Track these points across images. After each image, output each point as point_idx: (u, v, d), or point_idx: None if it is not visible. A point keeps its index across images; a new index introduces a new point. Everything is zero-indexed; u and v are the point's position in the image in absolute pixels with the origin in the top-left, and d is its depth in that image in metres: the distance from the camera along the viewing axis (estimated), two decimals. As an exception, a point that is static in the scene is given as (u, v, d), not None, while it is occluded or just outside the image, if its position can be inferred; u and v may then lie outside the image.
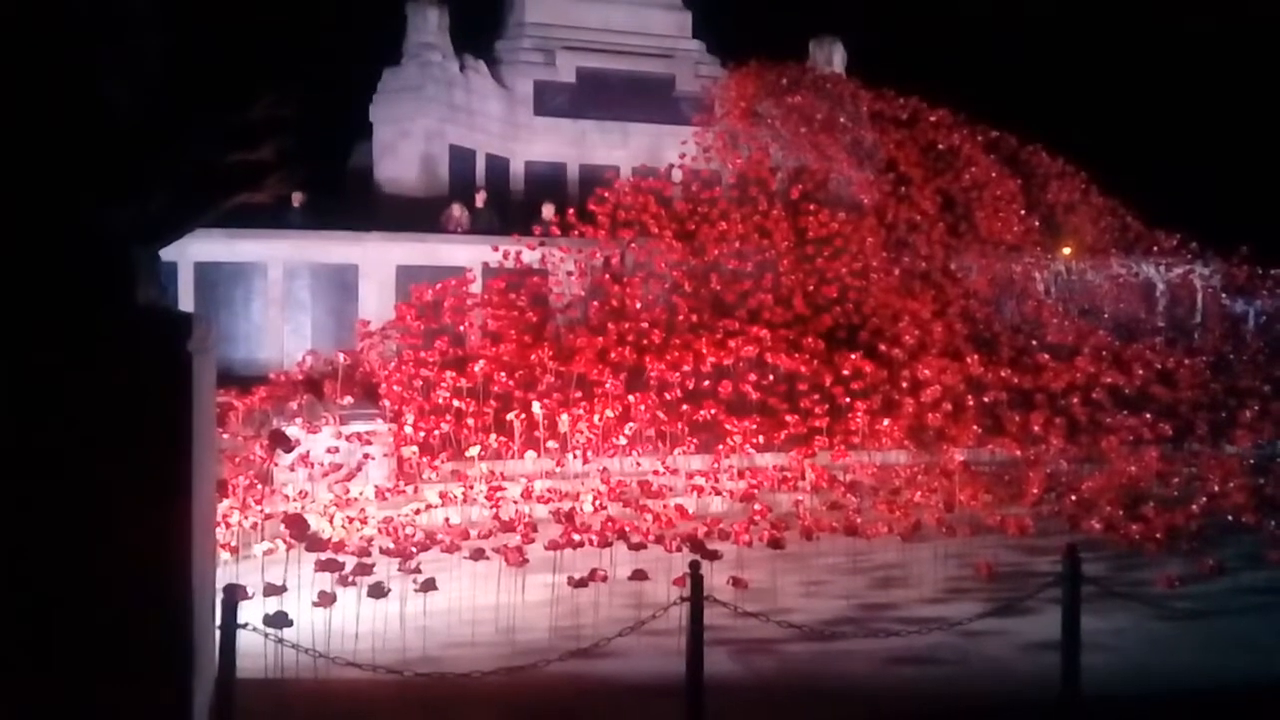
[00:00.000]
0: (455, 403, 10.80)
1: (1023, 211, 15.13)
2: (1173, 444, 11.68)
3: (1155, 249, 15.13)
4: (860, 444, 11.34)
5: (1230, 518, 9.84)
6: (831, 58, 18.71)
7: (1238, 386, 12.72)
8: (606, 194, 14.42)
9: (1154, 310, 14.90)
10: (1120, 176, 15.99)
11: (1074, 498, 10.36)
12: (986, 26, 28.77)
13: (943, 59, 25.34)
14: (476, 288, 12.99)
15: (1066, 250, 15.75)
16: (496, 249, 13.13)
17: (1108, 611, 7.14)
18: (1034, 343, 13.39)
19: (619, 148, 18.11)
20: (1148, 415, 11.74)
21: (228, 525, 8.06)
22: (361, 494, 9.20)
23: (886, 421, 11.42)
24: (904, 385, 11.90)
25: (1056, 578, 6.24)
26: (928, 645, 6.61)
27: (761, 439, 11.12)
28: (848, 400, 11.65)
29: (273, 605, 5.91)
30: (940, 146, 15.76)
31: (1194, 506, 9.93)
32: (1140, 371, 12.61)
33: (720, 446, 10.91)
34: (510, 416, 10.71)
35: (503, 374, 11.23)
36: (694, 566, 5.79)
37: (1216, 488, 10.31)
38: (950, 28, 28.85)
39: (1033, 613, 6.96)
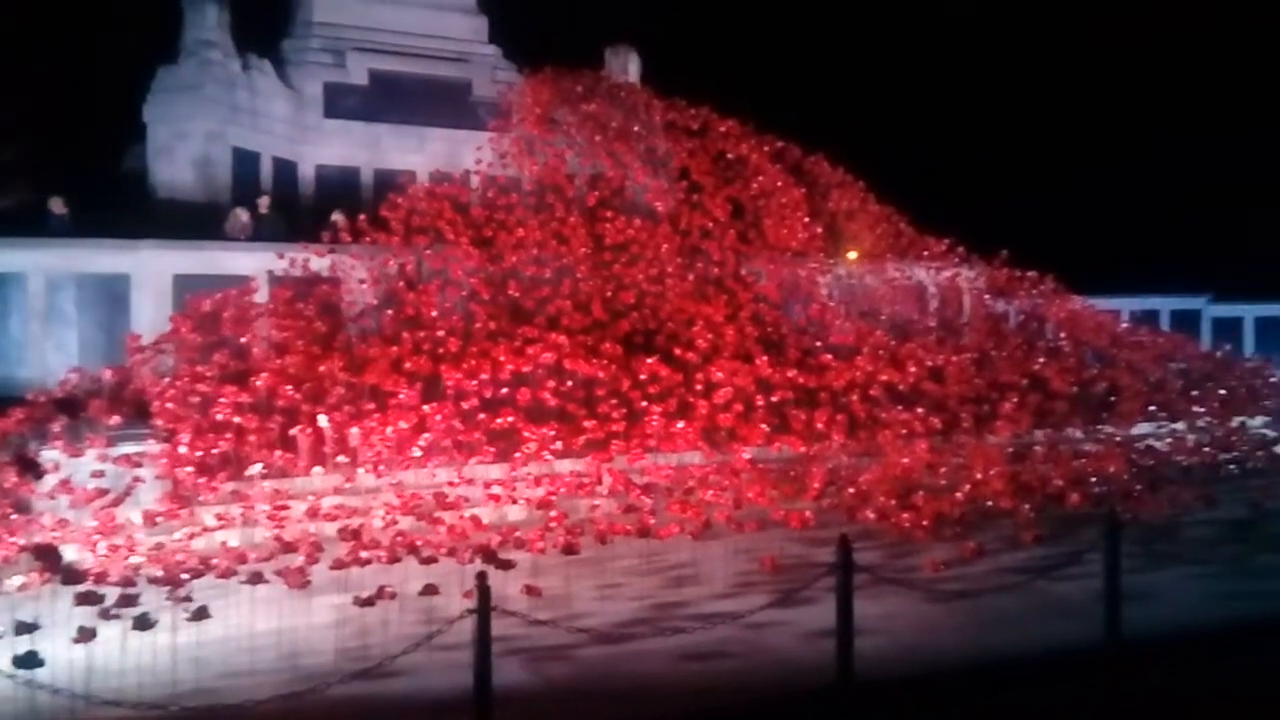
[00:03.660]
0: (236, 419, 10.26)
1: (807, 219, 15.88)
2: (941, 436, 12.51)
3: (926, 254, 16.21)
4: (656, 446, 11.53)
5: (990, 503, 10.63)
6: (626, 66, 19.10)
7: (999, 380, 13.73)
8: (401, 199, 14.13)
9: (926, 311, 15.91)
10: (895, 184, 17.05)
11: (852, 490, 10.92)
12: (777, 38, 30.03)
13: (733, 69, 26.31)
14: (261, 297, 12.42)
15: (851, 255, 16.61)
16: (283, 256, 12.59)
17: (880, 596, 7.58)
18: (818, 344, 14.02)
19: (415, 152, 17.78)
20: (919, 410, 12.54)
21: (-26, 560, 7.39)
22: (129, 520, 8.61)
23: (681, 424, 11.68)
24: (698, 388, 12.20)
25: (831, 567, 6.58)
26: (716, 640, 6.83)
27: (560, 445, 11.15)
28: (644, 404, 11.84)
29: (24, 644, 5.47)
30: (730, 156, 16.32)
31: (958, 494, 10.66)
32: (913, 369, 13.40)
33: (518, 454, 10.86)
34: (294, 431, 10.29)
35: (289, 387, 10.77)
36: (481, 577, 5.76)
37: (979, 475, 11.09)
38: (740, 39, 29.96)
39: (813, 602, 7.28)
